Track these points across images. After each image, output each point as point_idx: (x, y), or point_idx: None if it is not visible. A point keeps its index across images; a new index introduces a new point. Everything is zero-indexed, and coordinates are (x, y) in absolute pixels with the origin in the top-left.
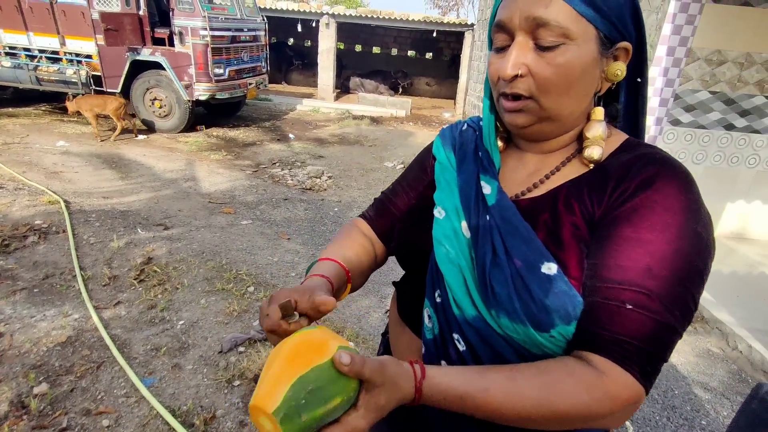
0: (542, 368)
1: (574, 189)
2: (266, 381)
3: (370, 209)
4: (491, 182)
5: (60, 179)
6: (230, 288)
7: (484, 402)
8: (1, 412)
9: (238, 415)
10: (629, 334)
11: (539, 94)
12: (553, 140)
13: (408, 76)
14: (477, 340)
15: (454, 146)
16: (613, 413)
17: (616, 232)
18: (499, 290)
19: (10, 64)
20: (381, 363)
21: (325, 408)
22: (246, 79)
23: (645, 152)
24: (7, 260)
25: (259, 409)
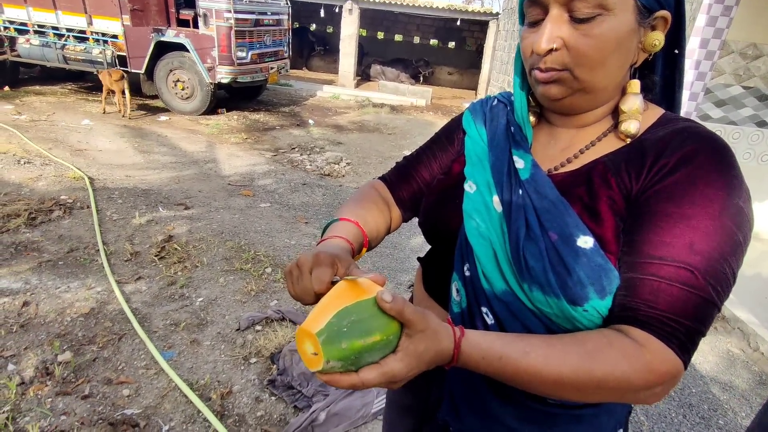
0: (580, 337)
1: (611, 164)
2: (314, 311)
3: (391, 173)
4: (525, 156)
5: (84, 156)
6: (248, 268)
7: (525, 365)
8: (27, 376)
9: (254, 392)
10: (670, 310)
11: (574, 66)
12: (588, 114)
13: (429, 65)
14: (506, 314)
15: (485, 121)
16: (651, 387)
17: (658, 207)
18: (533, 264)
19: (38, 42)
20: (423, 310)
21: (364, 341)
22: (268, 64)
23: (684, 126)
24: (33, 233)
25: (304, 332)
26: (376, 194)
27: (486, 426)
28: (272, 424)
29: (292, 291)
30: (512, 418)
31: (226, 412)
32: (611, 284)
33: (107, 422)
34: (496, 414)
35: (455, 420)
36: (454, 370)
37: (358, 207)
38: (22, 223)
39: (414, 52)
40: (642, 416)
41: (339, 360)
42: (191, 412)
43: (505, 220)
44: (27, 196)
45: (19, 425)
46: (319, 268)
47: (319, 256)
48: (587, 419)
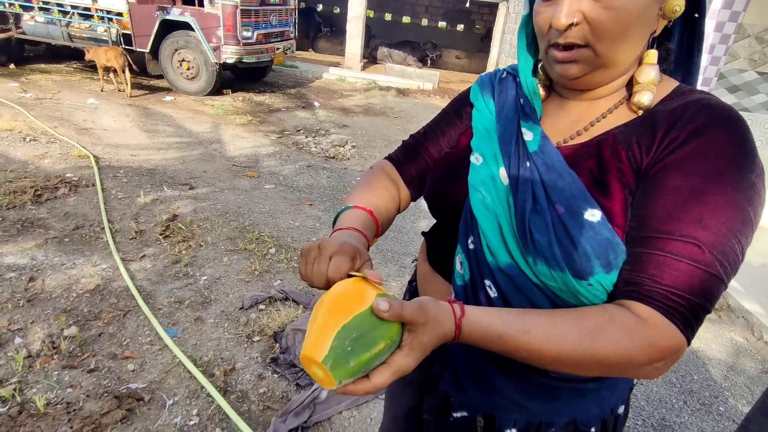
0: (582, 313)
1: (621, 136)
2: (312, 332)
3: (398, 152)
4: (533, 128)
5: (90, 135)
6: (252, 248)
7: (525, 342)
8: (34, 350)
9: (257, 369)
10: (675, 285)
11: (595, 41)
12: (602, 87)
13: (437, 47)
14: (509, 287)
15: (493, 93)
16: (652, 362)
17: (667, 181)
18: (538, 237)
19: (43, 19)
20: (420, 304)
21: (370, 352)
22: (274, 44)
23: (698, 98)
24: (39, 210)
25: (309, 359)
26: (385, 177)
27: (488, 398)
28: (274, 401)
29: (304, 271)
30: (514, 391)
31: (229, 389)
32: (617, 258)
33: (113, 395)
34: (499, 387)
35: (457, 392)
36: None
37: (370, 193)
38: (28, 200)
39: (422, 35)
40: (642, 401)
41: (350, 377)
42: (195, 387)
43: (511, 192)
44: (33, 174)
45: (27, 396)
46: (340, 256)
47: (344, 245)
48: (589, 394)
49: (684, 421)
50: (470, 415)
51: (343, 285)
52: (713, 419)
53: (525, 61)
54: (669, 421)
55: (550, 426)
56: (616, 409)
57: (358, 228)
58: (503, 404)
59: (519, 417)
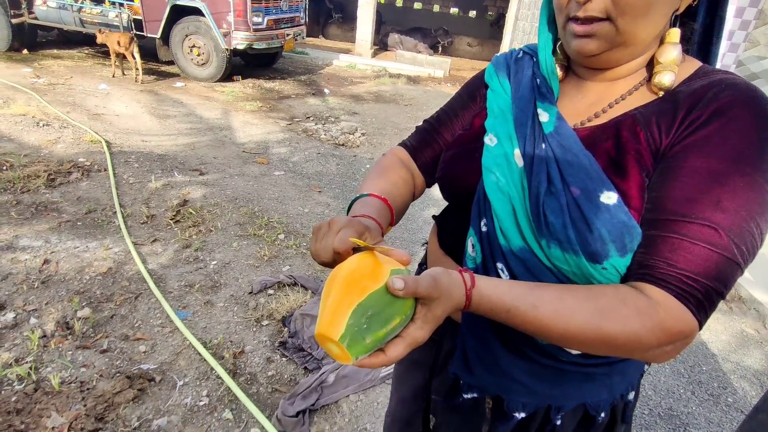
0: (594, 291)
1: (640, 116)
2: (327, 309)
3: (412, 138)
4: (549, 109)
5: (102, 121)
6: (261, 234)
7: (532, 317)
8: (49, 330)
9: (266, 352)
10: (689, 268)
11: (617, 14)
12: (621, 67)
13: (449, 34)
14: (522, 270)
15: (509, 73)
16: (662, 345)
17: (685, 162)
18: (552, 219)
19: (55, 4)
20: (433, 278)
21: (386, 328)
22: (284, 30)
23: (721, 78)
24: (52, 194)
25: (325, 337)
26: (399, 164)
27: (496, 381)
28: (282, 384)
29: (313, 247)
30: (523, 374)
31: (238, 371)
32: (633, 242)
33: (125, 375)
34: (508, 369)
35: (466, 373)
36: (466, 325)
37: (384, 180)
38: (42, 184)
39: (433, 21)
40: (650, 390)
41: (366, 353)
42: (204, 369)
43: (525, 174)
44: (46, 158)
45: (42, 375)
46: (347, 229)
47: (353, 220)
48: (599, 378)
49: (692, 411)
50: (479, 396)
51: (356, 260)
52: (721, 410)
53: (545, 39)
54: (676, 411)
55: (559, 410)
56: (626, 395)
57: (371, 215)
58: (512, 387)
59: (528, 400)
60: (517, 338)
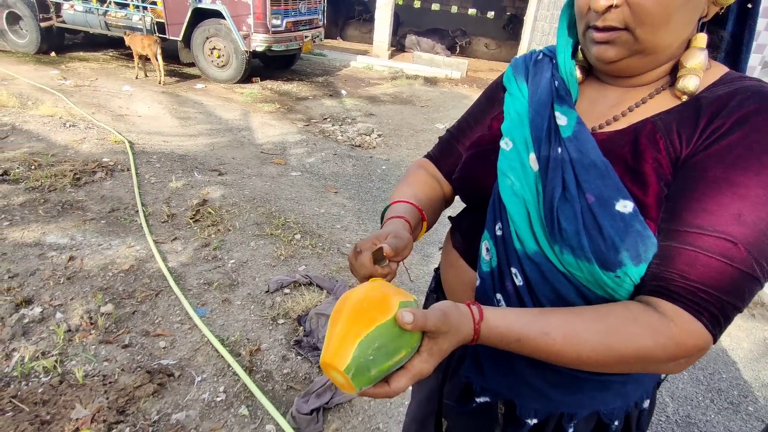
0: (603, 312)
1: (661, 123)
2: (334, 339)
3: (435, 149)
4: (568, 113)
5: (125, 121)
6: (278, 234)
7: (543, 345)
8: (74, 325)
9: (281, 350)
10: (704, 282)
11: (635, 25)
12: (644, 75)
13: (466, 34)
14: (536, 275)
15: (527, 76)
16: (675, 359)
17: (705, 172)
18: (566, 225)
19: (82, 8)
20: (443, 313)
21: (392, 361)
22: (302, 32)
23: (747, 85)
24: (78, 192)
25: (330, 366)
26: (423, 172)
27: (510, 384)
28: (297, 381)
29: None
30: (538, 379)
31: (254, 368)
32: (648, 252)
33: (145, 370)
34: (522, 373)
35: (479, 377)
36: None
37: (407, 187)
38: (68, 183)
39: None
40: (667, 398)
41: (370, 384)
42: (222, 365)
43: (540, 178)
44: (72, 158)
45: (67, 368)
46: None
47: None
48: (614, 387)
49: (710, 419)
50: (492, 400)
51: (364, 289)
52: (741, 419)
53: (565, 41)
54: (694, 418)
55: (572, 418)
56: (641, 403)
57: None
58: (525, 392)
59: (540, 406)
60: None
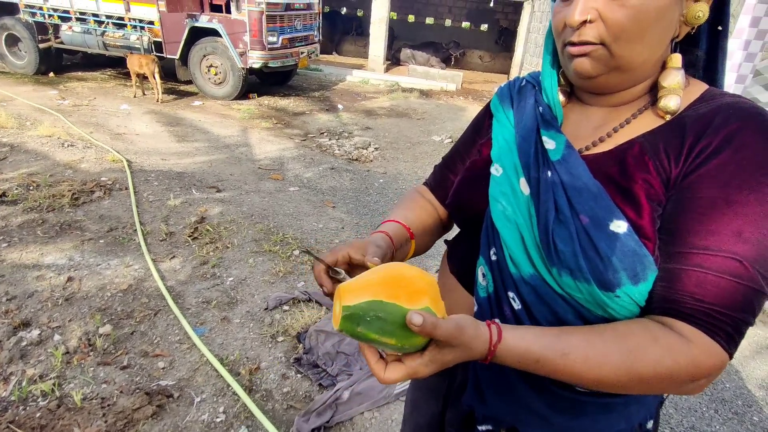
0: (622, 332)
1: (647, 144)
2: (362, 281)
3: (431, 177)
4: (556, 137)
5: (123, 140)
6: (277, 250)
7: (563, 366)
8: (72, 347)
9: (281, 369)
10: (718, 302)
11: (611, 40)
12: (623, 93)
13: (460, 46)
14: (533, 298)
15: (512, 103)
16: (696, 380)
17: (701, 193)
18: (562, 247)
19: (80, 29)
20: (457, 327)
21: (379, 337)
22: (298, 48)
23: (728, 102)
24: (76, 212)
25: (341, 294)
26: (419, 196)
27: (513, 411)
28: (298, 400)
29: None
30: (540, 405)
31: (254, 387)
32: (645, 270)
33: (144, 392)
34: (524, 400)
35: (480, 404)
36: None
37: (400, 209)
38: (66, 203)
39: (445, 35)
40: (671, 409)
41: (349, 335)
42: (221, 385)
43: (532, 202)
44: (70, 178)
45: (65, 391)
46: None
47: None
48: (617, 408)
49: (715, 430)
50: (494, 428)
51: (417, 273)
52: (746, 429)
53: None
54: (699, 430)
55: None
56: (645, 424)
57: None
58: (528, 419)
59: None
60: None
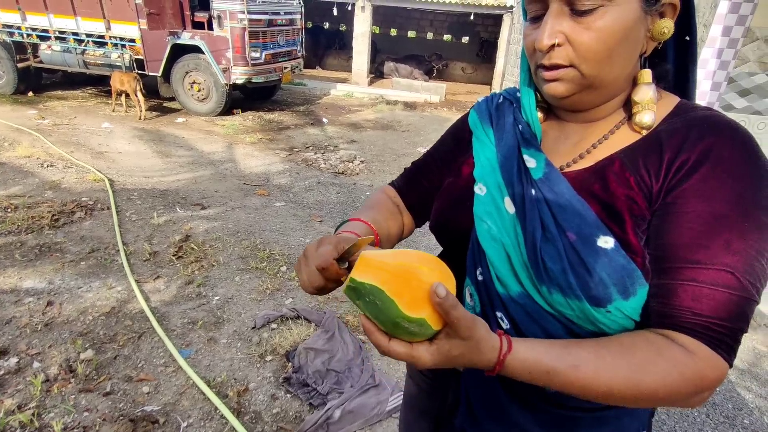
0: (627, 345)
1: (627, 160)
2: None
3: (400, 178)
4: (536, 155)
5: (105, 159)
6: (263, 267)
7: (574, 378)
8: (52, 374)
9: (270, 389)
10: (715, 315)
11: (579, 62)
12: (598, 108)
13: (442, 57)
14: (522, 316)
15: (492, 121)
16: (700, 392)
17: (687, 207)
18: (551, 265)
19: (59, 48)
20: (474, 320)
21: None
22: (281, 63)
23: (701, 116)
24: (56, 234)
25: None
26: (387, 199)
27: (505, 431)
28: (288, 421)
29: (302, 284)
30: (532, 423)
31: (242, 409)
32: (634, 285)
33: (128, 418)
34: (516, 419)
35: (473, 426)
36: (470, 376)
37: (369, 210)
38: (45, 224)
39: (427, 48)
40: (663, 415)
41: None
42: (209, 409)
43: (518, 221)
44: (50, 199)
45: (44, 421)
46: (324, 246)
47: (323, 238)
48: (610, 421)
49: None
50: None
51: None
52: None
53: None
54: None
55: None
56: None
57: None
58: None
59: None
60: (523, 387)
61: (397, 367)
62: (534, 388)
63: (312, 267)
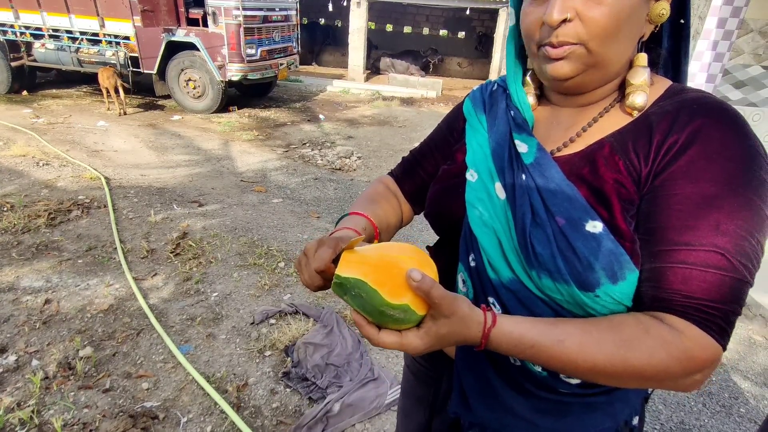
0: (616, 323)
1: (617, 144)
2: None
3: (398, 168)
4: (528, 140)
5: (101, 157)
6: (261, 263)
7: (558, 353)
8: (51, 372)
9: (270, 384)
10: (706, 296)
11: (589, 38)
12: (593, 92)
13: (438, 52)
14: (514, 302)
15: (485, 107)
16: (690, 374)
17: (675, 190)
18: (540, 250)
19: (53, 46)
20: (455, 297)
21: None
22: (277, 60)
23: (691, 97)
24: (53, 233)
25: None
26: (385, 189)
27: (498, 417)
28: (287, 416)
29: (302, 281)
30: (525, 409)
31: (242, 404)
32: (622, 269)
33: (128, 414)
34: (509, 405)
35: (466, 412)
36: (462, 362)
37: (368, 202)
38: (42, 223)
39: (423, 44)
40: (660, 405)
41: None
42: (208, 404)
43: (509, 206)
44: (46, 197)
45: (44, 418)
46: (322, 248)
47: (322, 239)
48: (601, 407)
49: (704, 424)
50: None
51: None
52: (734, 422)
53: (514, 71)
54: (688, 424)
55: None
56: (630, 421)
57: (350, 227)
58: (514, 423)
59: None
60: (515, 372)
61: (396, 360)
62: (526, 374)
63: (311, 269)
